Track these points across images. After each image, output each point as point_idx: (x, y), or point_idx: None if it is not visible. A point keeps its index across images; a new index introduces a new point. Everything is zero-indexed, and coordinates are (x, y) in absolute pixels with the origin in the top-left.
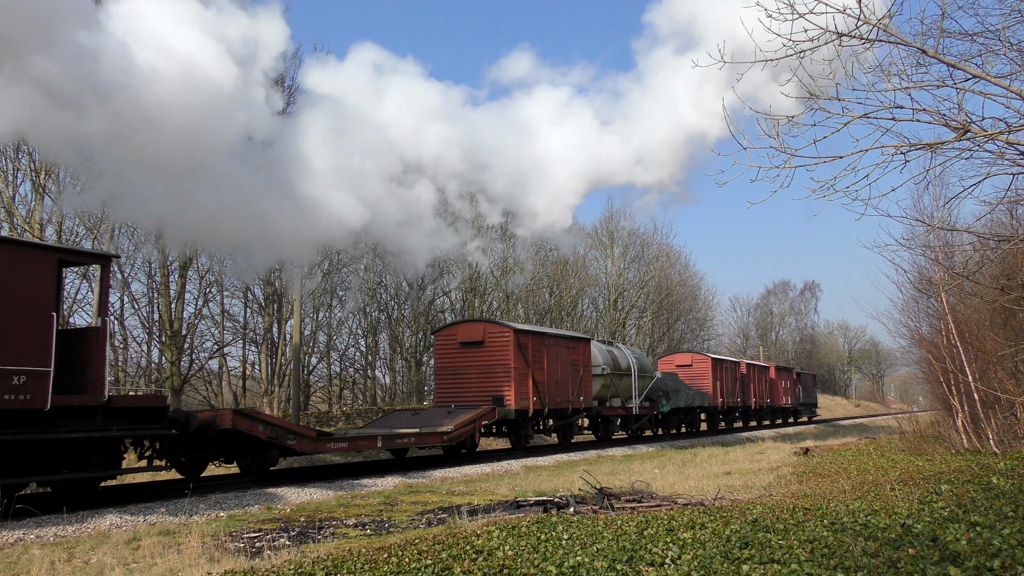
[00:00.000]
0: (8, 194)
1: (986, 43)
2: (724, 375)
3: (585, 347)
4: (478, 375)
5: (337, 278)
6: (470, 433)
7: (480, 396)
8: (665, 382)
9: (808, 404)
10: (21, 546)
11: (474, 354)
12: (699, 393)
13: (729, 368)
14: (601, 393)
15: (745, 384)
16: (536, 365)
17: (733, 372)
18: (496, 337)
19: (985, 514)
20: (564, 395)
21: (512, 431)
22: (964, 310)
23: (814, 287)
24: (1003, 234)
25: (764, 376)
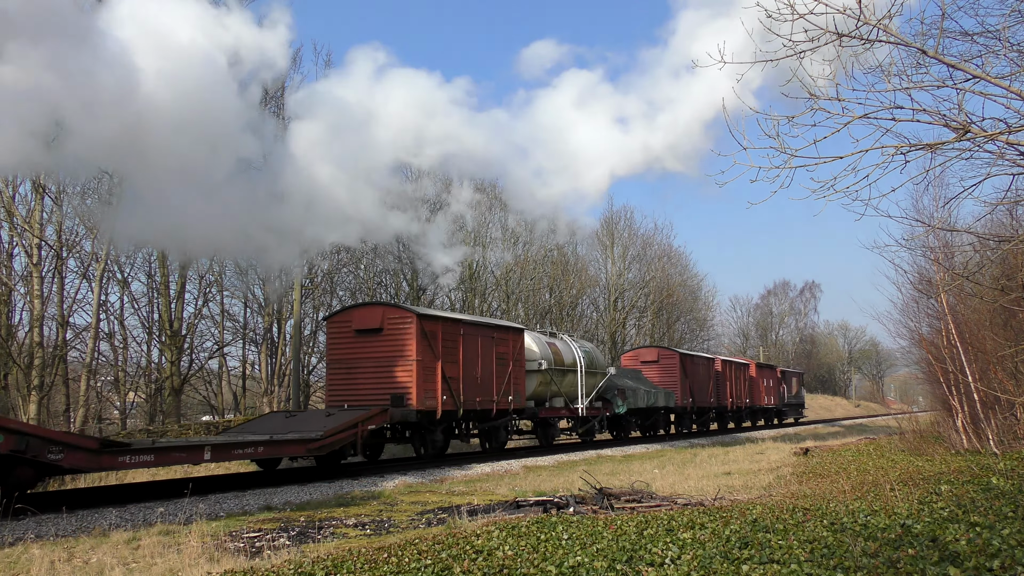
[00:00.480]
0: (8, 194)
1: (986, 43)
2: (695, 372)
3: (516, 338)
4: (375, 369)
5: (337, 278)
6: (349, 440)
7: (377, 394)
8: (624, 380)
9: (794, 405)
10: (21, 546)
11: (371, 344)
12: (664, 392)
13: (702, 365)
14: (539, 392)
15: (720, 383)
16: (448, 357)
17: (706, 369)
18: (397, 323)
19: (985, 514)
20: (486, 394)
21: (416, 436)
22: (964, 311)
23: (814, 287)
24: (1003, 235)
25: (743, 374)
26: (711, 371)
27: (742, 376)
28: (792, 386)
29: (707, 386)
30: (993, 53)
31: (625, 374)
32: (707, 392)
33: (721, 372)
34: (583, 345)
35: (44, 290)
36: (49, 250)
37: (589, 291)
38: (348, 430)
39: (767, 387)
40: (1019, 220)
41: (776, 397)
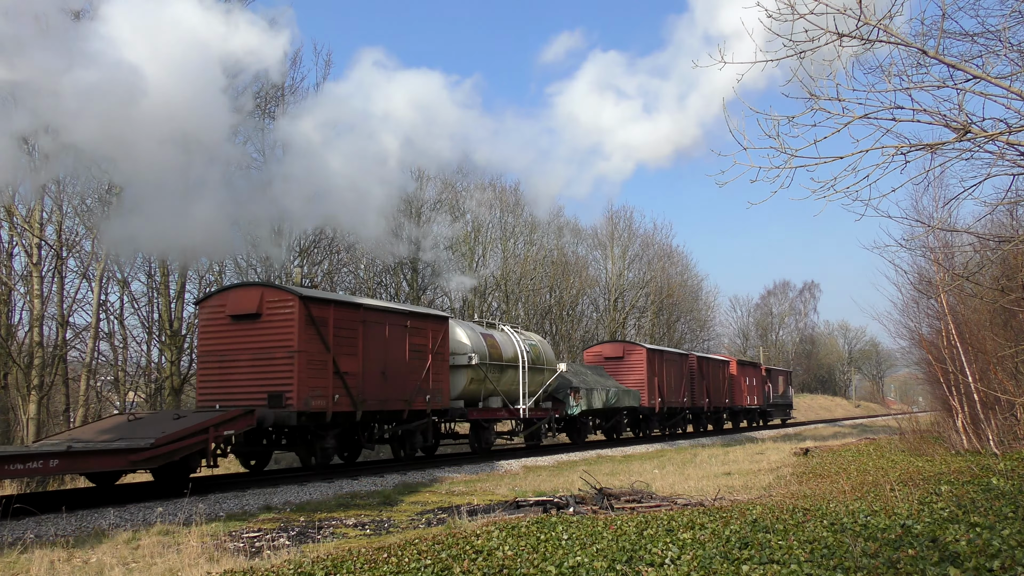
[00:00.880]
0: (8, 194)
1: (986, 44)
2: (666, 370)
3: (438, 328)
4: (251, 362)
5: (337, 278)
6: (196, 449)
7: (253, 392)
8: (582, 378)
9: (781, 405)
10: (21, 546)
11: (248, 332)
12: (627, 391)
13: (673, 362)
14: (471, 391)
15: (696, 381)
16: (344, 349)
17: (679, 367)
18: (277, 308)
19: (985, 515)
20: (398, 392)
21: (300, 443)
22: (964, 311)
23: (814, 287)
24: (1003, 235)
25: (722, 372)
26: (684, 369)
27: (721, 374)
28: (778, 385)
29: (680, 385)
30: (993, 53)
31: (583, 371)
32: (680, 391)
33: (697, 370)
34: (529, 338)
35: (44, 290)
36: (49, 250)
37: (589, 291)
38: (190, 437)
39: (750, 386)
40: (1019, 220)
41: (760, 397)
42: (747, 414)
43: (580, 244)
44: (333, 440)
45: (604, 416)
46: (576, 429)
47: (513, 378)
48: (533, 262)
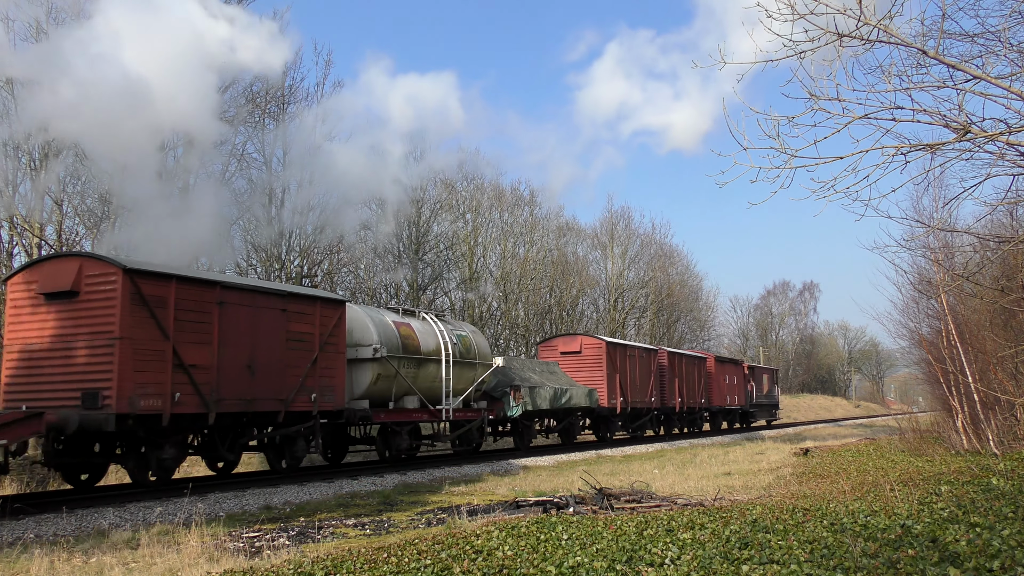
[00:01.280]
0: (8, 194)
1: (986, 44)
2: (630, 367)
3: (331, 313)
4: (65, 352)
5: (337, 278)
6: None
7: (67, 389)
8: (525, 375)
9: (766, 405)
10: (21, 546)
11: (64, 313)
12: (582, 390)
13: (638, 358)
14: (379, 389)
15: (667, 379)
16: (190, 336)
17: (647, 363)
18: (97, 284)
19: (985, 515)
20: (270, 390)
21: (130, 452)
22: (964, 311)
23: (814, 287)
24: (1003, 235)
25: (697, 370)
26: (653, 365)
27: (696, 372)
28: (762, 384)
29: (647, 383)
30: (993, 54)
31: (529, 367)
32: (647, 390)
33: (667, 367)
34: (459, 328)
35: None
36: (49, 250)
37: (589, 291)
38: None
39: (730, 385)
40: (1019, 220)
41: (742, 397)
42: (727, 415)
43: (580, 244)
44: (173, 449)
45: (555, 417)
46: (519, 432)
47: (434, 374)
48: (533, 262)
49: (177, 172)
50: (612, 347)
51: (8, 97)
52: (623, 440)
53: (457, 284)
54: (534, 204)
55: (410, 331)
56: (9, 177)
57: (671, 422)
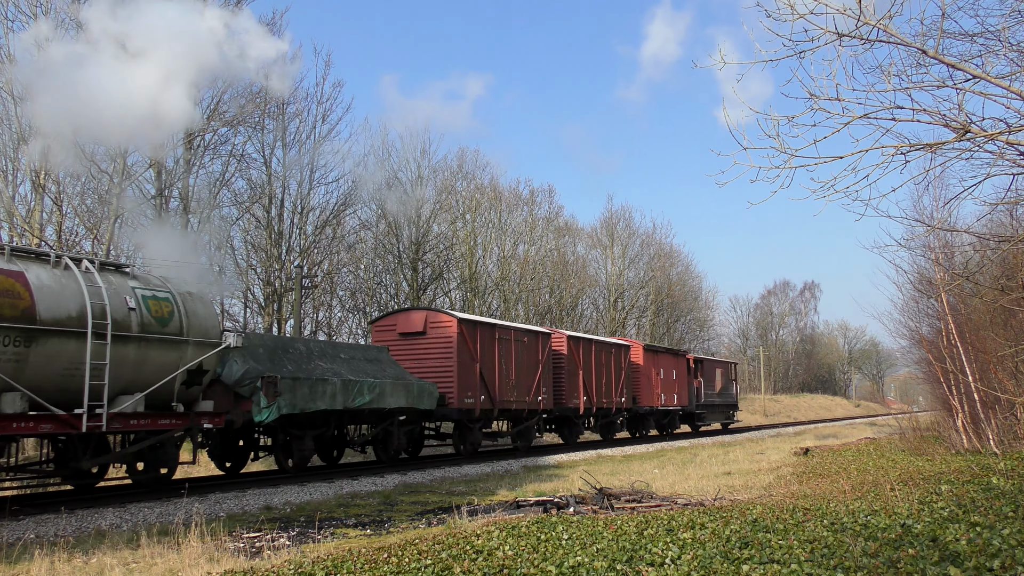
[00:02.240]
0: (8, 194)
1: (986, 44)
2: (501, 355)
3: None
4: None
5: (337, 278)
6: None
7: None
8: (305, 363)
9: (719, 406)
10: (21, 546)
11: None
12: (406, 384)
13: (516, 343)
14: None
15: (566, 373)
16: None
17: (531, 351)
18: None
19: (985, 514)
20: None
21: None
22: (964, 310)
23: (814, 287)
24: (1003, 235)
25: (615, 361)
26: (542, 354)
27: (614, 364)
28: (714, 380)
29: (531, 377)
30: (993, 53)
31: (331, 352)
32: (530, 386)
33: (567, 356)
34: (147, 281)
35: None
36: (49, 250)
37: (589, 291)
38: None
39: (666, 381)
40: (1019, 220)
41: (684, 395)
42: (663, 417)
43: (580, 244)
44: None
45: (360, 421)
46: (281, 446)
47: (75, 356)
48: (533, 262)
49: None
50: (469, 327)
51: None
52: (622, 440)
53: (457, 284)
54: (533, 203)
55: (17, 287)
56: (9, 178)
57: (572, 427)
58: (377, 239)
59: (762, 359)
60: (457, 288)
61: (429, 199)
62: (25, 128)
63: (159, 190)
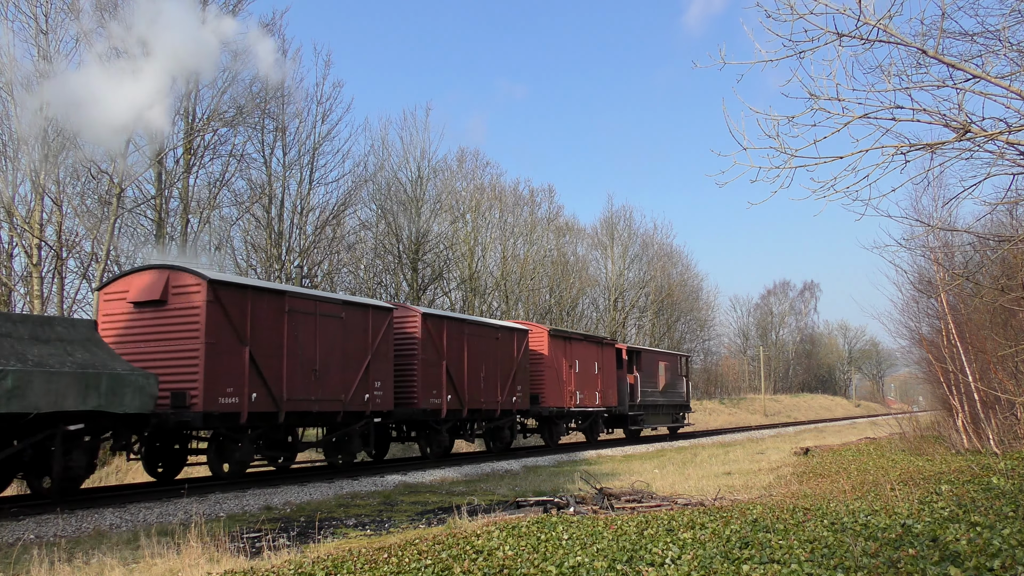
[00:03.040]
0: (8, 194)
1: (986, 43)
2: (296, 336)
3: None
4: None
5: (337, 278)
6: None
7: None
8: None
9: (664, 406)
10: (21, 546)
11: None
12: (98, 378)
13: (332, 321)
14: None
15: (416, 363)
16: None
17: (357, 332)
18: None
19: (985, 514)
20: None
21: None
22: (964, 310)
23: (814, 287)
24: (1003, 234)
25: (505, 349)
26: (375, 338)
27: (501, 353)
28: (656, 377)
29: (354, 368)
30: (993, 53)
31: None
32: (349, 381)
33: (421, 342)
34: None
35: (44, 290)
36: (49, 250)
37: (589, 291)
38: None
39: (584, 376)
40: (1019, 220)
41: (612, 394)
42: (584, 420)
43: (580, 244)
44: None
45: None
46: None
47: None
48: (533, 262)
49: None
50: (232, 294)
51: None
52: (623, 440)
53: (457, 284)
54: (534, 203)
55: None
56: (9, 178)
57: (432, 435)
58: (377, 239)
59: (762, 359)
60: (457, 288)
61: (429, 199)
62: (25, 128)
63: (159, 190)
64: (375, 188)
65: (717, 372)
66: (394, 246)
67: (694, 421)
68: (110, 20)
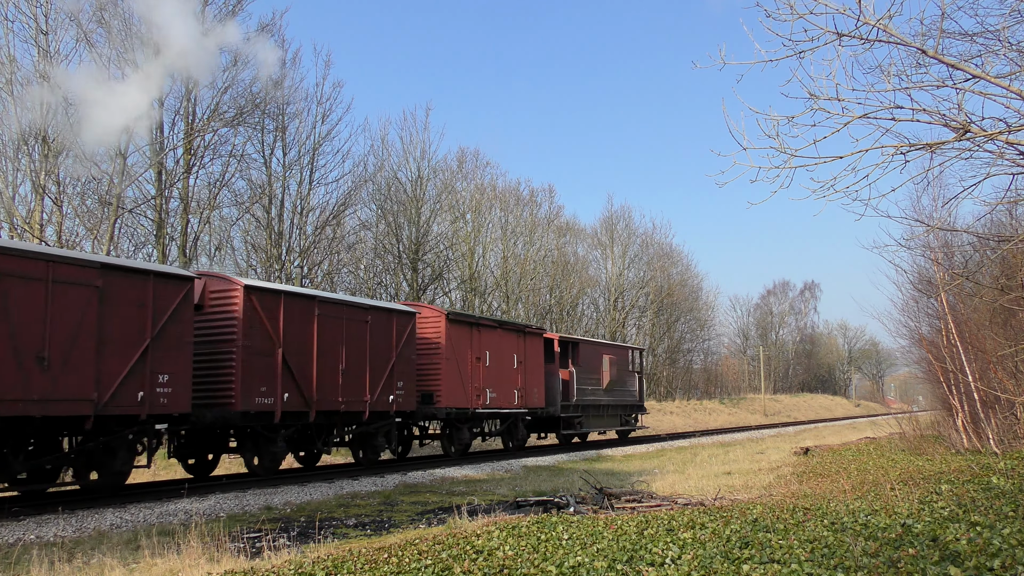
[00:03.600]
0: (8, 195)
1: (986, 43)
2: None
3: None
4: None
5: (337, 278)
6: None
7: None
8: None
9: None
10: (21, 546)
11: None
12: None
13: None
14: None
15: (238, 350)
16: None
17: (129, 310)
18: None
19: (985, 514)
20: None
21: None
22: (964, 310)
23: (814, 287)
24: (1003, 234)
25: (381, 336)
26: (146, 318)
27: (375, 340)
28: (600, 372)
29: (80, 353)
30: (993, 53)
31: None
32: (80, 371)
33: (243, 322)
34: None
35: None
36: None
37: (589, 291)
38: None
39: (498, 370)
40: (1019, 220)
41: (540, 392)
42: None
43: (580, 244)
44: None
45: None
46: None
47: None
48: (533, 262)
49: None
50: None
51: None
52: (624, 440)
53: (457, 284)
54: (534, 204)
55: None
56: (9, 178)
57: (263, 445)
58: (377, 239)
59: (762, 359)
60: (457, 288)
61: (429, 199)
62: (25, 129)
63: (159, 190)
64: (375, 188)
65: (717, 372)
66: (394, 246)
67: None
68: (111, 19)
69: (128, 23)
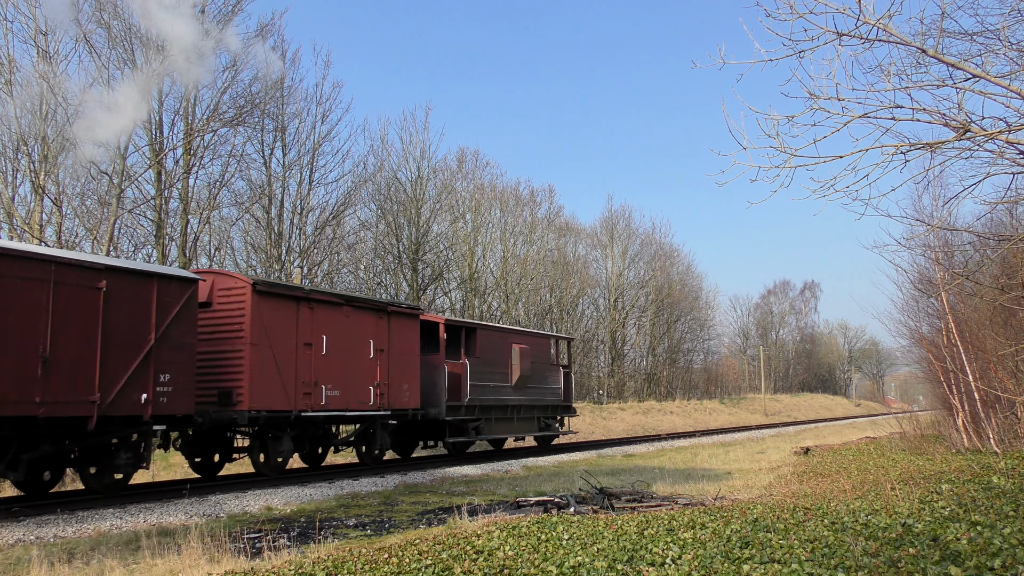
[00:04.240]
0: (7, 195)
1: (986, 43)
2: None
3: None
4: None
5: (337, 278)
6: None
7: None
8: None
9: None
10: (21, 546)
11: None
12: None
13: None
14: None
15: None
16: None
17: None
18: None
19: (986, 513)
20: None
21: None
22: (964, 310)
23: (814, 287)
24: (1003, 234)
25: (146, 308)
26: None
27: (142, 318)
28: (509, 366)
29: None
30: (993, 52)
31: None
32: None
33: None
34: None
35: None
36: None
37: (589, 291)
38: None
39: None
40: (1019, 219)
41: (415, 390)
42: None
43: (580, 243)
44: None
45: None
46: None
47: None
48: (533, 262)
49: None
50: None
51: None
52: (623, 441)
53: (457, 284)
54: (534, 203)
55: None
56: (9, 179)
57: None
58: (377, 239)
59: (762, 359)
60: (457, 288)
61: (429, 199)
62: (24, 130)
63: (159, 191)
64: (375, 188)
65: (717, 372)
66: (394, 246)
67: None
68: (111, 19)
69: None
